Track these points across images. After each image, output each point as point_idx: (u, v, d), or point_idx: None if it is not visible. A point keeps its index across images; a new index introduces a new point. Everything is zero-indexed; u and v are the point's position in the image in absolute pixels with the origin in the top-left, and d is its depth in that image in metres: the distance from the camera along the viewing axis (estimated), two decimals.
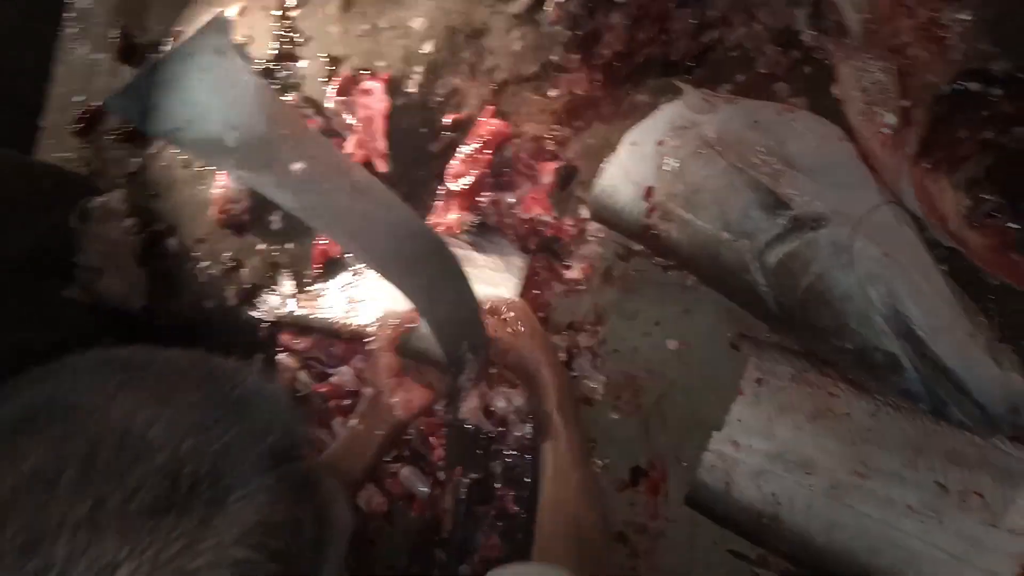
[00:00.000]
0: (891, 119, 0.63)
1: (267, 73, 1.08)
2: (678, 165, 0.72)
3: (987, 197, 0.58)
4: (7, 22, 1.39)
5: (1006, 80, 0.59)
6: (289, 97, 1.03)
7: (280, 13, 1.10)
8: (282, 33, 1.09)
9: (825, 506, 0.65)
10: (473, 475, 0.80)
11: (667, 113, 0.75)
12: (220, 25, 0.51)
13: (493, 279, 0.83)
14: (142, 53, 1.25)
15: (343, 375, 0.89)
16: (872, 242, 0.61)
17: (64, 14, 1.42)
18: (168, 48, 0.46)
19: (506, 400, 0.78)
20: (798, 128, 0.69)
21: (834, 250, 0.62)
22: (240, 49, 0.52)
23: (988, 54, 0.60)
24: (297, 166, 0.53)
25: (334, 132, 1.01)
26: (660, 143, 0.74)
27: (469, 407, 0.75)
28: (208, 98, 0.50)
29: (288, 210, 0.56)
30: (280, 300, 0.99)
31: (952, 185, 0.60)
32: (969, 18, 0.61)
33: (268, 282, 1.05)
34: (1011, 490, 0.61)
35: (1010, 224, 0.57)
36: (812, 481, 0.66)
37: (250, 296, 1.05)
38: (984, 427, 0.59)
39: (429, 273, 0.61)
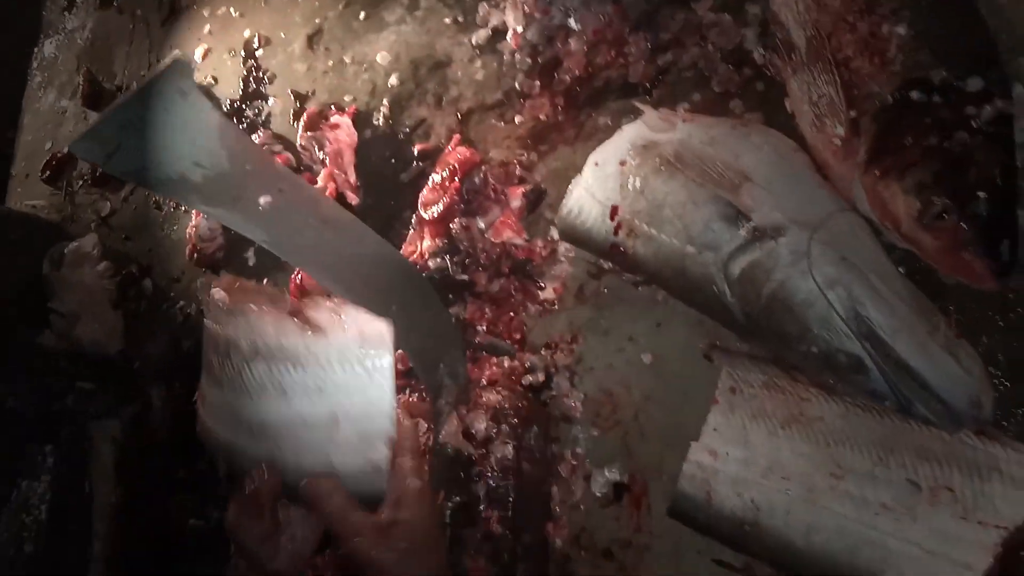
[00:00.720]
0: (840, 130, 0.66)
1: (235, 112, 1.10)
2: (641, 183, 0.73)
3: (936, 200, 0.60)
4: None
5: (945, 88, 0.61)
6: (258, 135, 1.05)
7: (245, 54, 1.12)
8: (247, 73, 1.10)
9: (803, 510, 0.66)
10: (457, 499, 0.80)
11: (628, 133, 0.77)
12: (181, 66, 0.52)
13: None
14: (109, 99, 1.27)
15: None
16: (829, 248, 0.63)
17: (30, 63, 1.43)
18: (130, 90, 0.47)
19: (486, 422, 0.78)
20: (754, 142, 0.71)
21: (794, 258, 0.64)
22: (201, 88, 0.52)
23: (927, 64, 0.63)
24: (264, 200, 0.53)
25: (305, 167, 1.02)
26: (623, 163, 0.76)
27: (450, 431, 0.75)
28: (171, 138, 0.51)
29: (260, 243, 0.57)
30: None
31: (902, 190, 0.62)
32: (906, 31, 0.64)
33: None
34: (980, 483, 0.62)
35: (960, 224, 0.59)
36: (789, 486, 0.67)
37: None
38: (949, 422, 0.61)
39: (402, 300, 0.62)
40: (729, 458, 0.70)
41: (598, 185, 0.77)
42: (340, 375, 0.56)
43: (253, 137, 1.04)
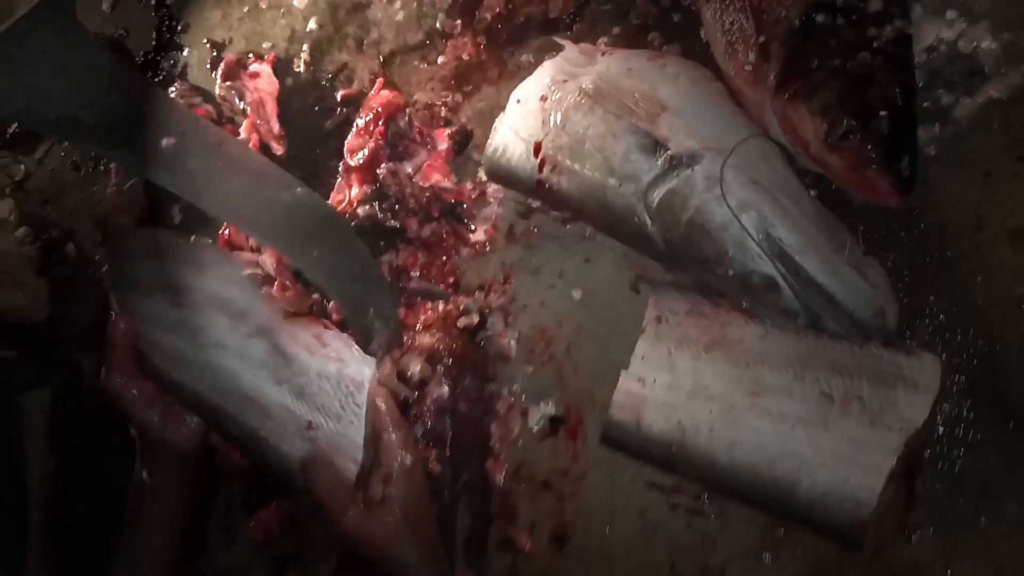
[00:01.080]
0: (751, 56, 0.66)
1: (150, 65, 1.05)
2: (561, 118, 0.73)
3: (840, 120, 0.61)
4: None
5: (847, 9, 0.63)
6: (175, 87, 1.01)
7: (155, 3, 1.06)
8: (159, 22, 1.05)
9: (725, 427, 0.69)
10: None
11: (548, 69, 0.77)
12: (56, 3, 0.49)
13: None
14: None
15: None
16: (742, 172, 0.65)
17: None
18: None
19: (420, 364, 0.79)
20: (670, 72, 0.72)
21: (708, 183, 0.65)
22: (82, 26, 0.49)
23: None
24: (166, 142, 0.52)
25: (226, 119, 0.99)
26: (543, 99, 0.75)
27: (383, 374, 0.76)
28: (51, 79, 0.49)
29: (167, 187, 0.55)
30: None
31: (809, 112, 0.63)
32: None
33: None
34: (886, 391, 0.65)
35: (864, 143, 0.61)
36: (712, 406, 0.70)
37: None
38: (856, 334, 0.64)
39: (324, 244, 0.62)
40: (656, 384, 0.73)
41: (520, 122, 0.77)
42: (318, 395, 0.60)
43: (170, 90, 1.00)
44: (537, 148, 0.75)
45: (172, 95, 0.94)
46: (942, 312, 0.67)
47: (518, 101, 0.77)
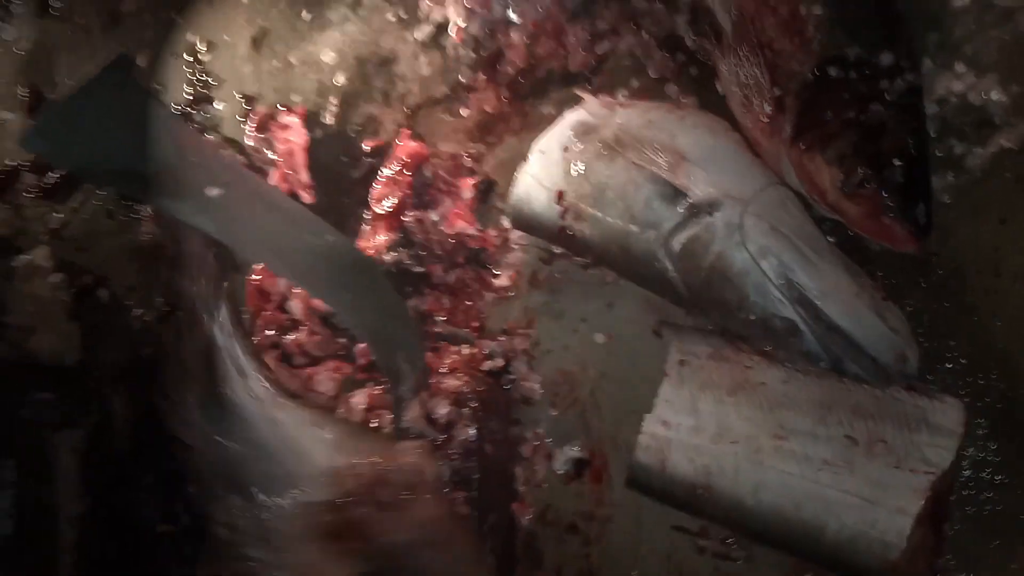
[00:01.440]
0: (767, 108, 0.69)
1: (183, 117, 1.09)
2: (584, 167, 0.76)
3: (856, 169, 0.64)
4: None
5: (859, 63, 0.65)
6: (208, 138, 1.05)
7: (191, 58, 1.11)
8: (195, 77, 1.10)
9: (750, 470, 0.70)
10: None
11: (570, 120, 0.80)
12: (123, 62, 0.53)
13: None
14: None
15: None
16: (761, 220, 0.67)
17: None
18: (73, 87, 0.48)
19: (447, 406, 0.80)
20: (688, 123, 0.75)
21: (728, 231, 0.67)
22: (144, 84, 0.53)
23: (842, 42, 0.66)
24: (212, 191, 0.55)
25: (257, 169, 1.03)
26: (566, 149, 0.78)
27: (412, 415, 0.77)
28: (116, 132, 0.52)
29: (211, 234, 0.58)
30: None
31: (825, 162, 0.65)
32: (823, 11, 0.67)
33: None
34: (910, 433, 0.66)
35: (879, 190, 0.63)
36: (737, 449, 0.71)
37: None
38: (878, 378, 0.65)
39: (355, 287, 0.64)
40: (681, 427, 0.74)
41: (544, 172, 0.80)
42: None
43: None
44: (560, 196, 0.78)
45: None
46: (963, 356, 0.68)
47: (541, 152, 0.80)
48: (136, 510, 0.95)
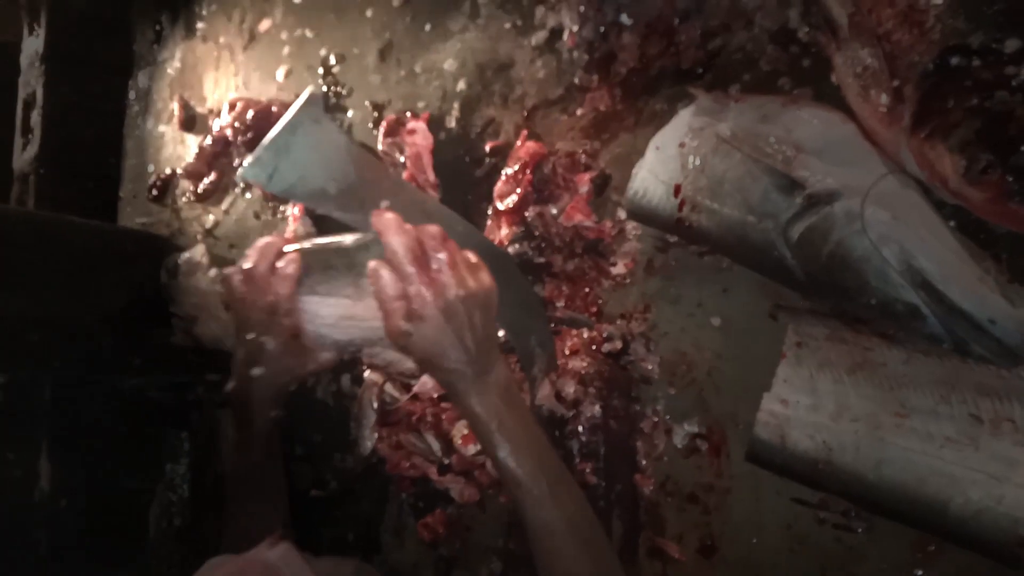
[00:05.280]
0: (885, 99, 0.71)
1: None
2: (700, 162, 0.81)
3: (980, 156, 0.65)
4: (78, 105, 1.55)
5: (983, 51, 0.66)
6: None
7: (323, 70, 1.23)
8: (327, 88, 1.21)
9: (871, 447, 0.73)
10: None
11: (684, 117, 0.84)
12: (315, 99, 0.63)
13: None
14: (202, 122, 1.40)
15: (425, 384, 1.00)
16: (881, 208, 0.69)
17: (127, 94, 1.58)
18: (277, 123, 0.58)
19: (574, 385, 0.88)
20: (803, 116, 0.77)
21: (848, 219, 0.70)
22: (330, 115, 0.62)
23: (964, 30, 0.68)
24: (384, 203, 0.64)
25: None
26: (682, 145, 0.83)
27: (543, 394, 0.85)
28: (312, 159, 0.62)
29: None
30: None
31: (948, 150, 0.67)
32: (942, 1, 0.68)
33: None
34: None
35: (1004, 176, 0.65)
36: (857, 427, 0.74)
37: None
38: (1005, 359, 0.67)
39: (497, 281, 0.71)
40: (799, 405, 0.78)
41: (660, 167, 0.85)
42: None
43: None
44: (677, 190, 0.82)
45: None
46: None
47: (657, 147, 0.85)
48: (289, 476, 1.07)
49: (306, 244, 0.69)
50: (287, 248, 0.70)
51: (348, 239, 0.65)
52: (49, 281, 1.14)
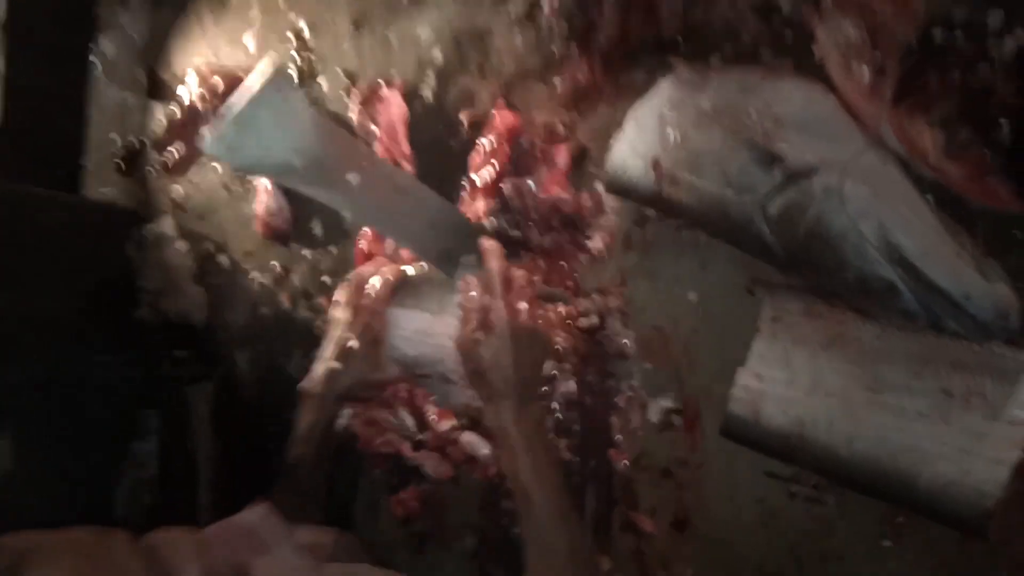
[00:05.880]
0: (867, 72, 0.70)
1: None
2: (679, 135, 0.79)
3: (960, 130, 0.65)
4: (40, 74, 1.49)
5: (965, 25, 0.66)
6: None
7: (295, 38, 1.19)
8: (299, 56, 1.17)
9: (844, 422, 0.73)
10: None
11: (664, 89, 0.82)
12: (283, 75, 0.60)
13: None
14: (169, 90, 1.35)
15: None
16: (860, 183, 0.68)
17: (88, 59, 1.52)
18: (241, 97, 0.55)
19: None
20: (784, 88, 0.76)
21: (827, 194, 0.69)
22: (299, 89, 0.60)
23: (946, 3, 0.67)
24: (352, 177, 0.62)
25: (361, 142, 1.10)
26: (661, 117, 0.81)
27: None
28: (276, 134, 0.60)
29: (347, 215, 0.65)
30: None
31: (928, 124, 0.67)
32: None
33: (317, 286, 1.14)
34: (1009, 386, 0.68)
35: (984, 152, 0.64)
36: (830, 402, 0.74)
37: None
38: (978, 334, 0.67)
39: (469, 256, 0.70)
40: (774, 380, 0.78)
41: (639, 140, 0.83)
42: None
43: None
44: (656, 163, 0.81)
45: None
46: None
47: (636, 120, 0.84)
48: (263, 452, 1.06)
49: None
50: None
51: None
52: (10, 255, 1.10)
